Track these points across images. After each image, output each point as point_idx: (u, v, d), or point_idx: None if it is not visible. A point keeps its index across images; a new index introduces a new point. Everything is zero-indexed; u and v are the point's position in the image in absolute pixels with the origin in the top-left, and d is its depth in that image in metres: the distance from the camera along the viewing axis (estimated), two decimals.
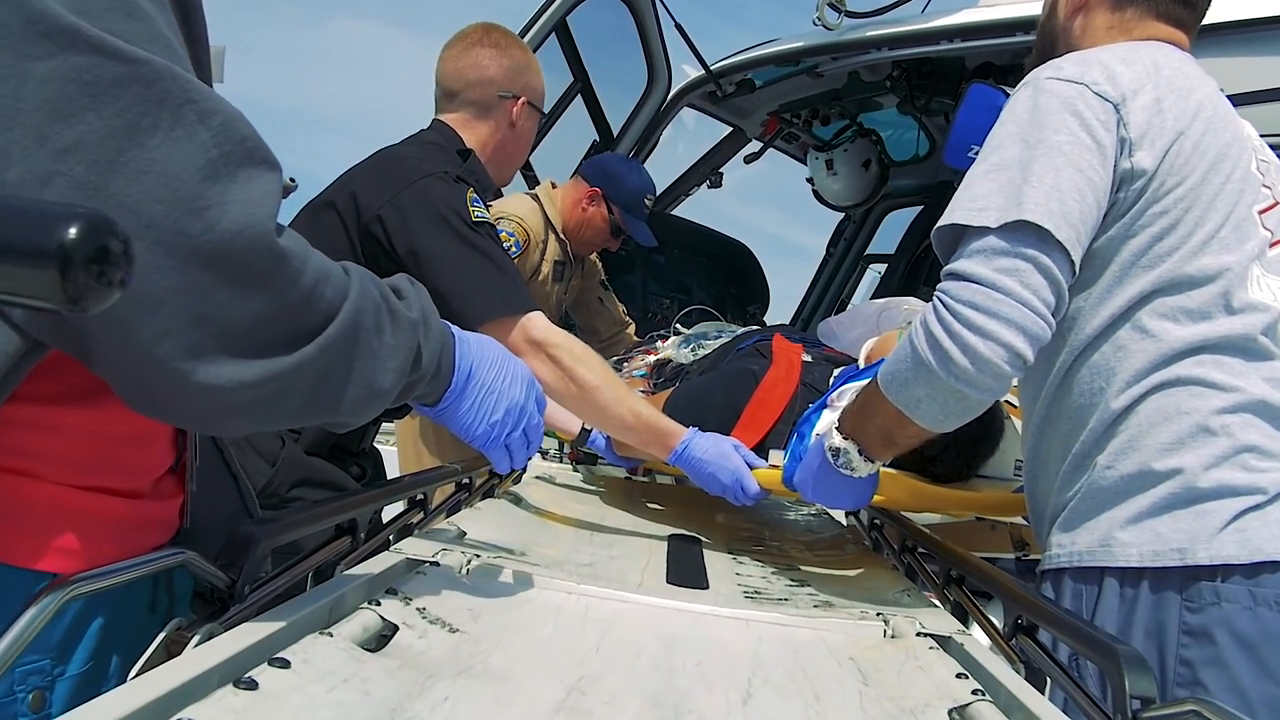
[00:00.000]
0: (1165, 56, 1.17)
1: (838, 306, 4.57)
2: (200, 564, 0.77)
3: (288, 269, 0.64)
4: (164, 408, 0.64)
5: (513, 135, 1.90)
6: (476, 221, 1.59)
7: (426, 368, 0.84)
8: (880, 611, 1.13)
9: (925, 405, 1.10)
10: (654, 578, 1.26)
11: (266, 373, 0.64)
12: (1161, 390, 1.12)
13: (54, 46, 0.54)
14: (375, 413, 0.79)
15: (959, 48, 2.85)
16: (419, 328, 0.81)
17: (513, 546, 1.31)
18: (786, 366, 1.84)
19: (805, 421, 1.56)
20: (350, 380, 0.71)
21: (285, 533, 0.92)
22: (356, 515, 1.11)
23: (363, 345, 0.72)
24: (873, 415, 1.19)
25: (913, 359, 1.08)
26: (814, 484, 1.32)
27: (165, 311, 0.58)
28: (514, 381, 0.98)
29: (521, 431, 0.99)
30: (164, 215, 0.56)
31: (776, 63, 3.27)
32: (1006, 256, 1.04)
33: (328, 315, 0.68)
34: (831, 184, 3.96)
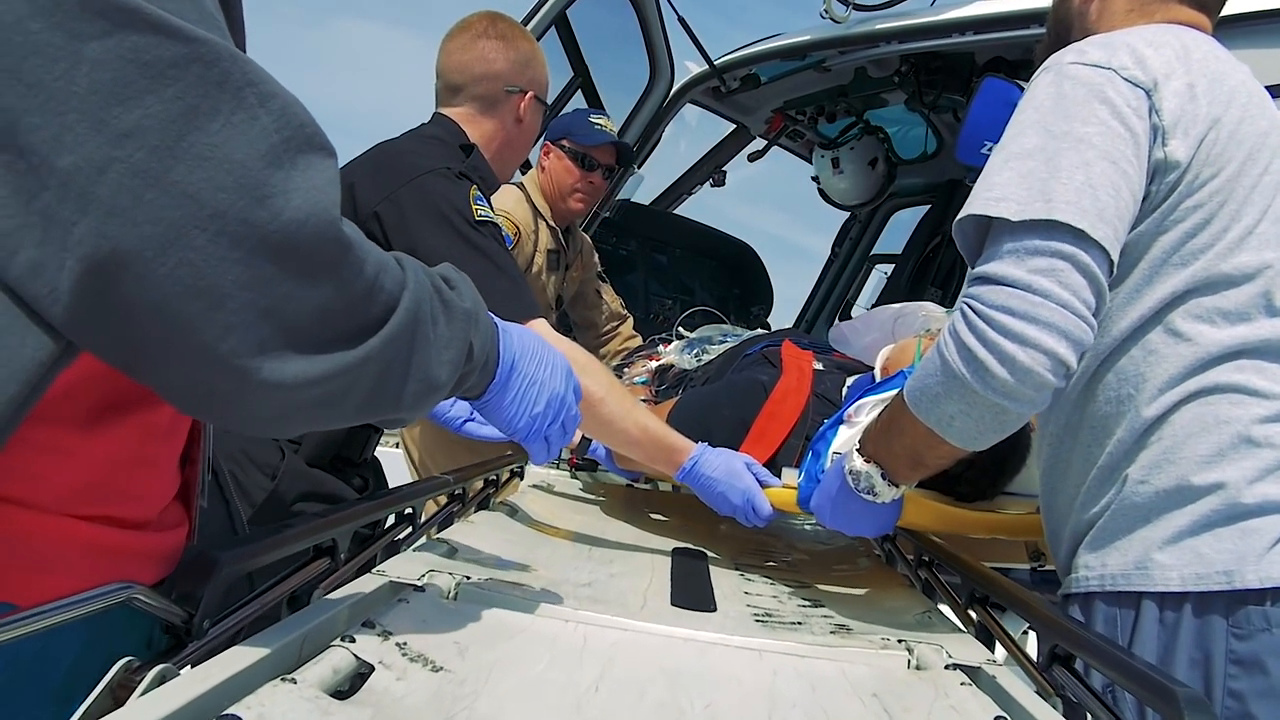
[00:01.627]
0: (1194, 40, 1.09)
1: (843, 308, 4.49)
2: (149, 598, 0.69)
3: (353, 259, 0.61)
4: (223, 410, 0.61)
5: (519, 131, 1.84)
6: (479, 221, 1.51)
7: (478, 359, 0.82)
8: (902, 638, 1.04)
9: (959, 422, 1.00)
10: (658, 599, 1.18)
11: (332, 368, 0.61)
12: (1198, 398, 1.04)
13: (109, 25, 0.51)
14: (432, 407, 0.77)
15: (970, 41, 2.76)
16: (471, 319, 0.79)
17: (506, 564, 1.22)
18: (797, 376, 1.75)
19: (820, 438, 1.46)
20: (410, 374, 0.69)
21: (251, 558, 0.83)
22: (336, 535, 1.02)
23: (420, 337, 0.70)
24: (899, 435, 1.09)
25: (943, 373, 1.00)
26: (833, 509, 1.23)
27: (230, 306, 0.55)
28: (554, 372, 0.96)
29: (560, 423, 0.98)
30: (229, 204, 0.53)
31: (782, 57, 3.19)
32: (1041, 256, 0.95)
33: (389, 307, 0.65)
34: (837, 183, 3.88)
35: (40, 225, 0.50)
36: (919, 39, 2.85)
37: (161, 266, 0.52)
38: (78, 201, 0.50)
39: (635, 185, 3.60)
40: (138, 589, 0.68)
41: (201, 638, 0.74)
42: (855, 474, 1.16)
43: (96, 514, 0.67)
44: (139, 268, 0.52)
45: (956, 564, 1.30)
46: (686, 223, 4.04)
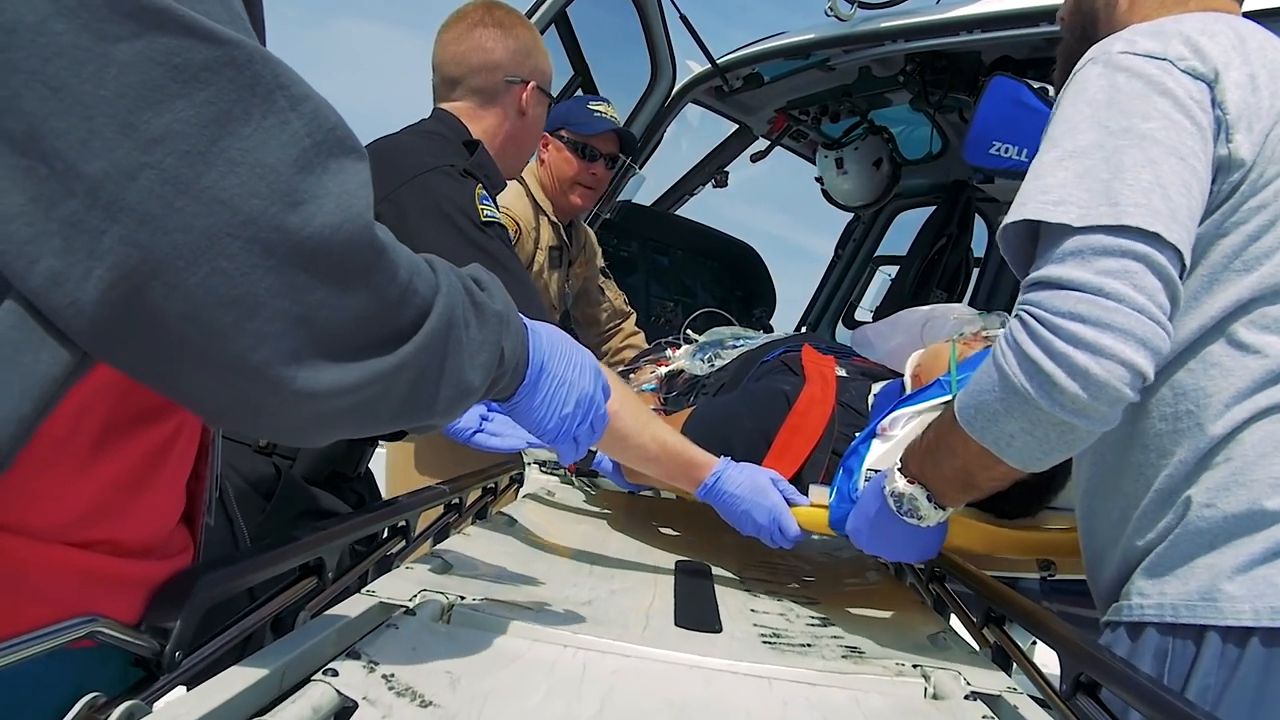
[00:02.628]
0: (1247, 28, 1.02)
1: (846, 310, 4.44)
2: (114, 631, 0.64)
3: (386, 264, 0.60)
4: (255, 420, 0.59)
5: (523, 124, 1.76)
6: (485, 222, 1.46)
7: (509, 362, 0.81)
8: (918, 663, 0.99)
9: (1020, 442, 0.91)
10: (661, 619, 1.13)
11: (367, 375, 0.60)
12: (1271, 415, 0.96)
13: (139, 26, 0.49)
14: (464, 411, 0.76)
15: (978, 39, 2.71)
16: (503, 321, 0.78)
17: (503, 581, 1.17)
18: (822, 385, 1.64)
19: (852, 454, 1.37)
20: (444, 378, 0.68)
21: (230, 581, 0.78)
22: (323, 553, 0.97)
23: (454, 341, 0.68)
24: (948, 456, 1.01)
25: (1002, 388, 0.91)
26: (871, 533, 1.15)
27: (264, 315, 0.54)
28: (583, 371, 0.95)
29: (589, 422, 0.96)
30: (261, 210, 0.52)
31: (786, 56, 3.14)
32: (1110, 256, 0.87)
33: (423, 311, 0.64)
34: (841, 183, 3.83)
35: (61, 234, 0.49)
36: (925, 37, 2.80)
37: (194, 275, 0.51)
38: (106, 209, 0.49)
39: (636, 186, 3.55)
40: (101, 622, 0.63)
41: (174, 670, 0.70)
42: (897, 496, 1.08)
43: (96, 540, 0.64)
44: (170, 276, 0.50)
45: (969, 579, 1.25)
46: (688, 224, 3.99)
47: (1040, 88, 2.55)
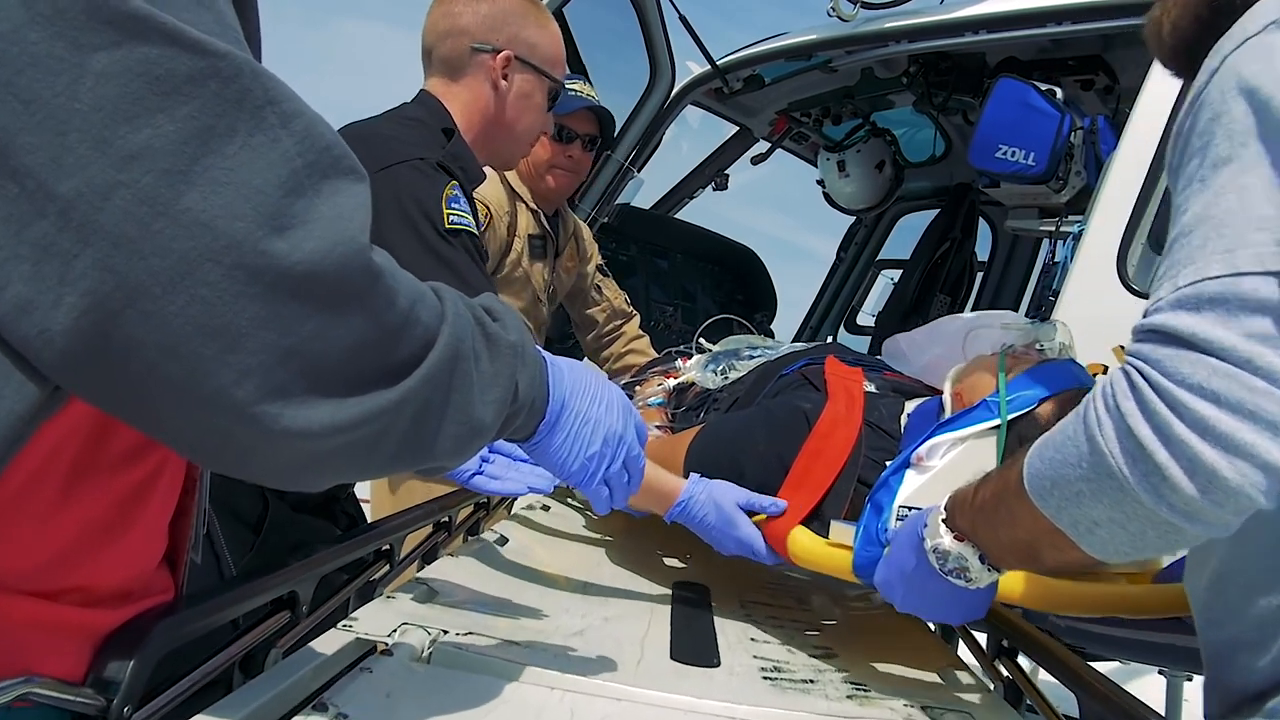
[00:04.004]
0: None
1: (848, 314, 4.38)
2: (50, 691, 0.58)
3: (383, 289, 0.56)
4: (242, 462, 0.55)
5: (501, 102, 1.58)
6: (451, 229, 1.37)
7: (524, 397, 0.76)
8: (926, 704, 0.94)
9: (1105, 531, 0.73)
10: (656, 652, 1.07)
11: (364, 412, 0.55)
12: None
13: (119, 35, 0.46)
14: (476, 451, 0.71)
15: (982, 40, 2.66)
16: (518, 353, 0.73)
17: (490, 610, 1.12)
18: (846, 401, 1.44)
19: (882, 486, 1.19)
20: (449, 415, 0.64)
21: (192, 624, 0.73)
22: (297, 586, 0.92)
23: (461, 375, 0.64)
24: (1008, 524, 0.84)
25: (1091, 464, 0.71)
26: (907, 590, 1.00)
27: (248, 347, 0.49)
28: (610, 408, 0.89)
29: (621, 464, 0.91)
30: (246, 234, 0.48)
31: (787, 57, 3.09)
32: (1264, 315, 0.64)
33: (426, 341, 0.60)
34: (843, 186, 3.77)
35: (31, 258, 0.46)
36: (929, 38, 2.74)
37: (171, 304, 0.47)
38: (79, 231, 0.45)
39: (635, 189, 3.49)
40: (37, 682, 0.58)
41: None
42: (941, 554, 0.92)
43: (62, 589, 0.60)
44: (146, 304, 0.46)
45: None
46: (688, 227, 3.94)
47: (1047, 89, 2.51)
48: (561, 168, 2.38)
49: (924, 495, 1.12)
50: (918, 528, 0.96)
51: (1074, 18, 2.42)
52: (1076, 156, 2.49)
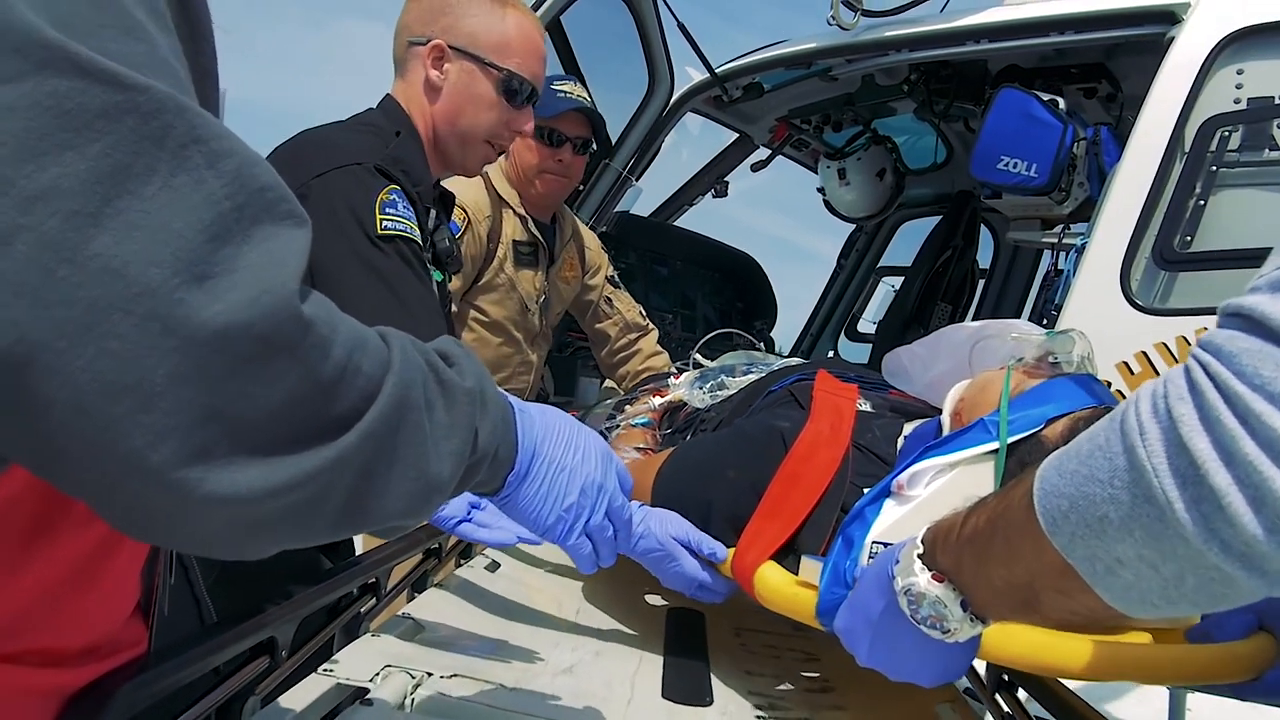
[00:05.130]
0: None
1: (849, 322, 4.35)
2: None
3: (316, 340, 0.51)
4: (168, 531, 0.51)
5: (437, 96, 1.50)
6: (383, 235, 1.30)
7: (485, 448, 0.70)
8: None
9: (1131, 573, 0.57)
10: (647, 691, 1.05)
11: (300, 473, 0.51)
12: None
13: (25, 65, 0.42)
14: (435, 508, 0.65)
15: (984, 49, 2.64)
16: (476, 400, 0.68)
17: (477, 647, 1.09)
18: (831, 420, 1.29)
19: (856, 517, 1.04)
20: (399, 471, 0.59)
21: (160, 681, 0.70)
22: (275, 631, 0.89)
23: (411, 427, 0.59)
24: (1004, 559, 0.68)
25: (1127, 481, 0.56)
26: (873, 641, 0.83)
27: (164, 406, 0.45)
28: (588, 456, 0.84)
29: (604, 516, 0.85)
30: (162, 281, 0.44)
31: (787, 65, 3.06)
32: None
33: (368, 394, 0.55)
34: (844, 194, 3.75)
35: None
36: (930, 47, 2.72)
37: (77, 358, 0.43)
38: None
39: (634, 198, 3.47)
40: None
41: None
42: (914, 597, 0.76)
43: (20, 651, 0.56)
44: (50, 359, 0.42)
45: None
46: (687, 234, 3.92)
47: (1050, 100, 2.48)
48: (551, 172, 2.31)
49: (903, 529, 0.97)
50: (888, 565, 0.80)
51: (1076, 27, 2.39)
52: (1079, 167, 2.46)
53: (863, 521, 1.04)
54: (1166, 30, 2.17)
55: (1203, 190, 2.01)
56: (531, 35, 1.54)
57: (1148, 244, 2.03)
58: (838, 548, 1.01)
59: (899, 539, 0.82)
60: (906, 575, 0.76)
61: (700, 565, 1.17)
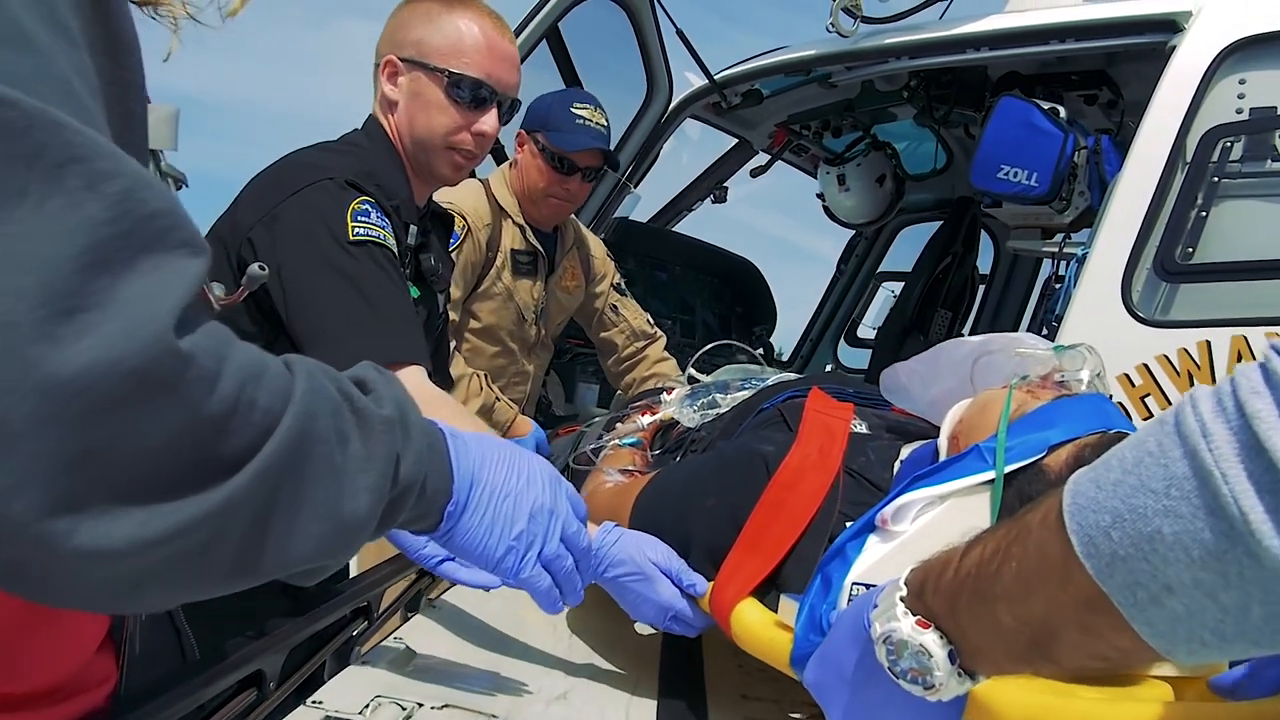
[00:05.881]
0: None
1: (849, 328, 4.34)
2: None
3: (197, 374, 0.47)
4: (43, 588, 0.46)
5: (399, 109, 1.51)
6: (355, 241, 1.30)
7: (409, 479, 0.66)
8: None
9: (1181, 602, 0.49)
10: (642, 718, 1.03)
11: (184, 520, 0.47)
12: None
13: None
14: (351, 552, 0.61)
15: (985, 57, 2.62)
16: (395, 429, 0.64)
17: (470, 675, 1.08)
18: (821, 442, 1.20)
19: (837, 555, 0.95)
20: (306, 512, 0.54)
21: None
22: (263, 664, 0.88)
23: (318, 462, 0.55)
24: (1017, 595, 0.59)
25: (1193, 498, 0.48)
26: (850, 698, 0.73)
27: (23, 451, 0.41)
28: (532, 479, 0.80)
29: (559, 543, 0.80)
30: (24, 315, 0.41)
31: (786, 72, 3.05)
32: None
33: (264, 428, 0.51)
34: (844, 200, 3.73)
35: None
36: (930, 54, 2.70)
37: None
38: None
39: (633, 204, 3.46)
40: None
41: None
42: (894, 646, 0.66)
43: None
44: None
45: None
46: (686, 240, 3.90)
47: (1050, 108, 2.46)
48: (556, 197, 2.32)
49: (887, 569, 0.87)
50: (865, 610, 0.71)
51: (1077, 35, 2.38)
52: (1080, 177, 2.45)
53: (843, 560, 0.94)
54: (1168, 39, 2.15)
55: (1205, 201, 1.99)
56: (482, 34, 1.50)
57: (1149, 255, 2.01)
58: (815, 588, 0.93)
59: (882, 580, 0.74)
60: (886, 621, 0.67)
61: (678, 594, 1.10)
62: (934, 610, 0.66)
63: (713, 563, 1.11)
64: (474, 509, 0.74)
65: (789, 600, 0.97)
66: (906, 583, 0.69)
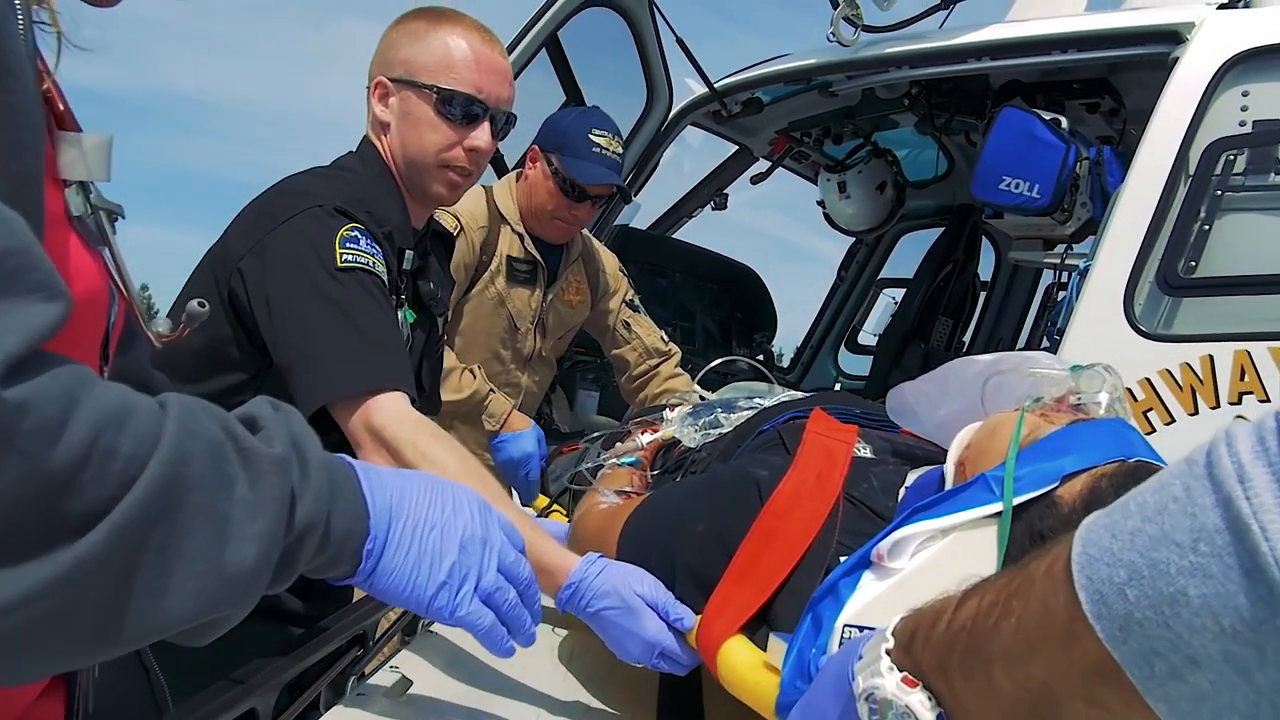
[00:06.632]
0: None
1: (849, 334, 4.32)
2: None
3: (36, 425, 0.43)
4: None
5: (392, 130, 1.49)
6: (343, 268, 1.28)
7: (308, 521, 0.60)
8: None
9: (1206, 678, 0.42)
10: None
11: (30, 587, 0.43)
12: None
13: None
14: (245, 606, 0.55)
15: (986, 66, 2.61)
16: (289, 468, 0.58)
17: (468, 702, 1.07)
18: (820, 467, 1.13)
19: (828, 592, 0.88)
20: (181, 567, 0.49)
21: None
22: (256, 702, 0.87)
23: (193, 512, 0.50)
24: (1018, 656, 0.52)
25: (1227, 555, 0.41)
26: None
27: None
28: (459, 509, 0.73)
29: (497, 573, 0.73)
30: None
31: (786, 81, 3.03)
32: None
33: (124, 479, 0.46)
34: (844, 208, 3.72)
35: None
36: (931, 64, 2.69)
37: None
38: None
39: (632, 212, 3.44)
40: None
41: None
42: (876, 705, 0.61)
43: None
44: None
45: None
46: (686, 247, 3.89)
47: (1052, 119, 2.45)
48: (563, 220, 2.30)
49: (882, 610, 0.80)
50: (849, 661, 0.66)
51: (1080, 46, 2.37)
52: (1082, 188, 2.44)
53: (835, 598, 0.86)
54: (1171, 50, 2.13)
55: (1208, 215, 1.98)
56: (470, 48, 1.47)
57: (1151, 268, 2.00)
58: (804, 629, 0.86)
59: (878, 622, 0.68)
60: (870, 676, 0.61)
61: (664, 629, 1.04)
62: (923, 666, 0.60)
63: (702, 592, 1.06)
64: (396, 546, 0.68)
65: (778, 640, 0.91)
66: (894, 633, 0.63)
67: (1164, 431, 1.91)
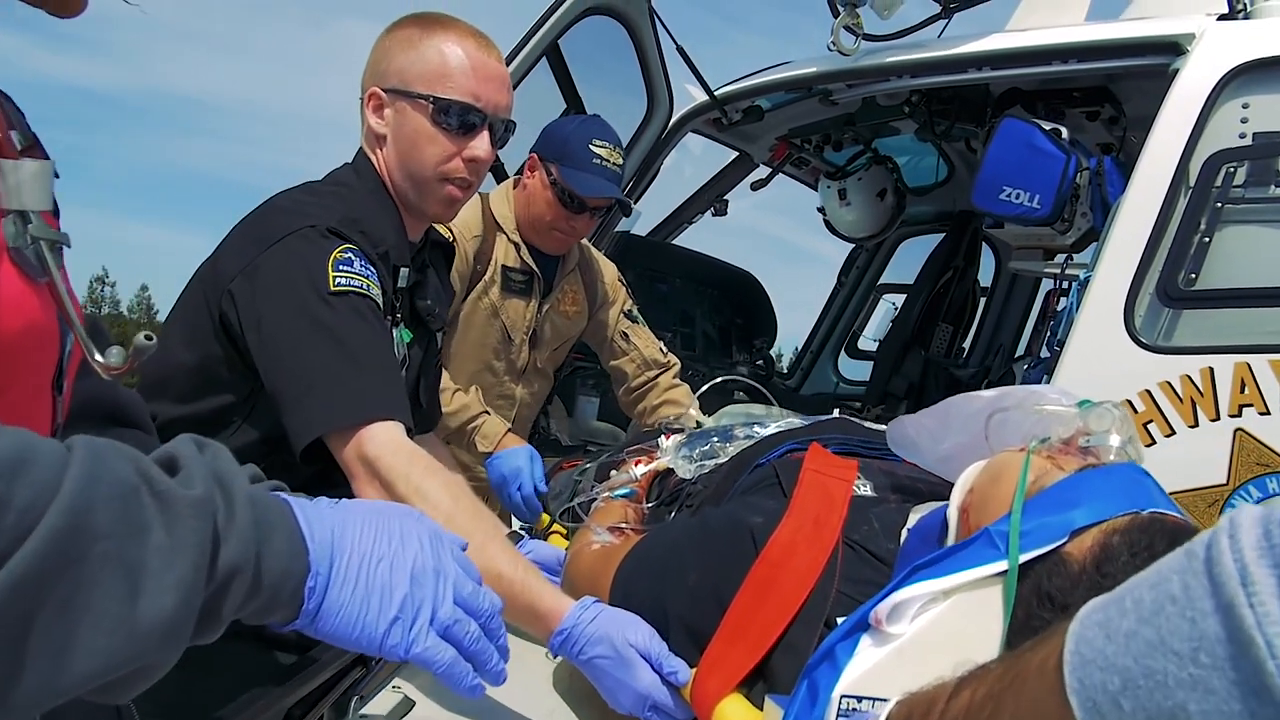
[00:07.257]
0: None
1: (849, 340, 4.33)
2: None
3: None
4: None
5: (389, 143, 1.45)
6: (335, 291, 1.25)
7: (233, 564, 0.56)
8: None
9: None
10: None
11: None
12: None
13: None
14: (167, 659, 0.52)
15: (986, 76, 2.61)
16: (210, 510, 0.55)
17: None
18: (818, 509, 1.07)
19: (825, 659, 0.82)
20: (88, 622, 0.47)
21: None
22: None
23: (99, 563, 0.47)
24: None
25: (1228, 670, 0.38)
26: None
27: None
28: (407, 539, 0.68)
29: (453, 605, 0.68)
30: None
31: (787, 89, 3.04)
32: None
33: (17, 532, 0.44)
34: (844, 214, 3.72)
35: None
36: (931, 73, 2.69)
37: None
38: None
39: (633, 219, 3.45)
40: None
41: None
42: None
43: None
44: None
45: None
46: (686, 253, 3.89)
47: (1052, 129, 2.45)
48: (561, 231, 2.27)
49: (881, 679, 0.76)
50: None
51: (1079, 56, 2.37)
52: (1082, 198, 2.44)
53: (832, 665, 0.80)
54: (1170, 61, 2.14)
55: (1208, 227, 1.98)
56: (466, 55, 1.44)
57: (1152, 280, 2.00)
58: (800, 697, 0.81)
59: (876, 691, 0.66)
60: None
61: (658, 681, 1.01)
62: None
63: (696, 645, 1.02)
64: (341, 582, 0.63)
65: (774, 704, 0.87)
66: (889, 719, 0.60)
67: (1164, 444, 1.91)
